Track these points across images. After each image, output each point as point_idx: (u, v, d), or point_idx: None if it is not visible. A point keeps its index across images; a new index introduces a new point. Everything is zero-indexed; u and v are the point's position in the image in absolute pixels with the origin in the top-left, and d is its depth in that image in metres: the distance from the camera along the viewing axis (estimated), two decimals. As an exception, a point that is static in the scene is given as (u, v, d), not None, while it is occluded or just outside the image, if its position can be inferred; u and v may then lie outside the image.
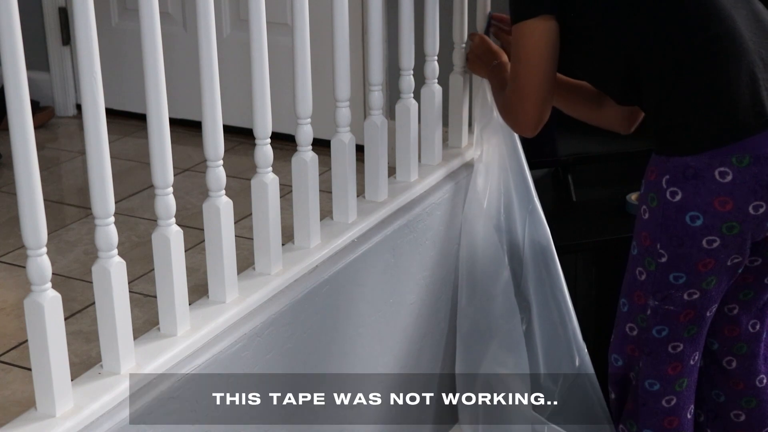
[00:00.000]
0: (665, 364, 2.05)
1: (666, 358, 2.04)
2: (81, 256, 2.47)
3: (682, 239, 1.91)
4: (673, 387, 2.07)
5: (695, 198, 1.87)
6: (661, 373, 2.06)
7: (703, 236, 1.89)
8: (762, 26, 1.93)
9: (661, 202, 1.92)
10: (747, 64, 1.87)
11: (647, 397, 2.09)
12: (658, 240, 1.94)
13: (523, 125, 2.11)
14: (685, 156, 1.88)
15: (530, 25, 1.98)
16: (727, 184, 1.85)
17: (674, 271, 1.94)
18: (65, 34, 3.56)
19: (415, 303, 2.34)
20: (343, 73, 2.06)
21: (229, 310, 1.82)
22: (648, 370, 2.07)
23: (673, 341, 2.03)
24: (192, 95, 1.92)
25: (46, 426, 1.51)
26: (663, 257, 1.95)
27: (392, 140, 2.29)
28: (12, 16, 1.35)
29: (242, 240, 2.07)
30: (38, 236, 1.45)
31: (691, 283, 1.95)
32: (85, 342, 2.04)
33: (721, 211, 1.86)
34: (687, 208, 1.89)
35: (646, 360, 2.06)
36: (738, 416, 2.20)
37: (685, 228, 1.90)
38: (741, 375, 2.18)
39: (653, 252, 1.96)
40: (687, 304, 1.97)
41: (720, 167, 1.85)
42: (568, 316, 2.43)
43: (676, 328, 2.01)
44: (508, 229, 2.42)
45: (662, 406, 2.08)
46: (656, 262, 1.96)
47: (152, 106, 1.61)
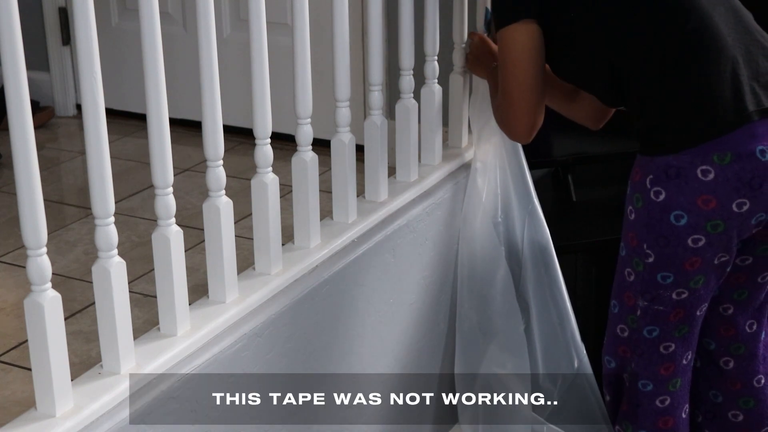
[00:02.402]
0: (657, 365, 2.05)
1: (658, 358, 2.04)
2: (81, 256, 2.47)
3: (668, 239, 1.91)
4: (666, 387, 2.07)
5: (679, 197, 1.87)
6: (653, 373, 2.06)
7: (688, 235, 1.89)
8: (740, 21, 1.93)
9: (646, 202, 1.92)
10: (726, 59, 1.87)
11: (641, 398, 2.09)
12: (645, 240, 1.94)
13: (516, 132, 2.10)
14: (667, 155, 1.88)
15: (513, 30, 1.99)
16: (709, 182, 1.85)
17: (662, 271, 1.94)
18: (65, 34, 3.56)
19: (415, 303, 2.34)
20: (343, 73, 2.06)
21: (229, 310, 1.82)
22: (641, 371, 2.07)
23: (664, 341, 2.03)
24: (192, 95, 1.92)
25: (46, 426, 1.50)
26: (650, 257, 1.95)
27: (392, 140, 2.29)
28: (12, 16, 1.35)
29: (242, 240, 2.07)
30: (38, 236, 1.45)
31: (678, 282, 1.94)
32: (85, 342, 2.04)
33: (704, 209, 1.86)
34: (671, 208, 1.89)
35: (638, 361, 2.06)
36: (736, 416, 2.20)
37: (670, 227, 1.90)
38: (738, 375, 2.17)
39: (640, 252, 1.96)
40: (676, 303, 1.97)
41: (702, 165, 1.85)
42: (567, 317, 2.43)
43: (667, 328, 2.01)
44: (507, 229, 2.42)
45: (656, 406, 2.08)
46: (644, 263, 1.96)
47: (152, 106, 1.61)
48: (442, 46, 2.36)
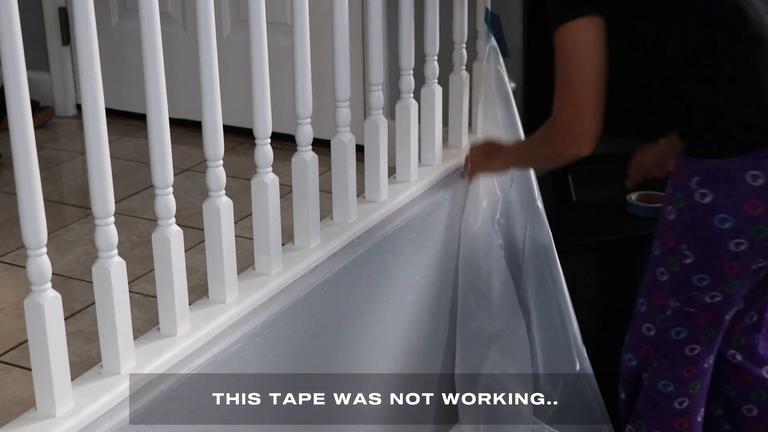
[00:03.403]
0: (681, 366, 2.04)
1: (682, 360, 2.04)
2: (81, 256, 2.47)
3: (710, 241, 1.90)
4: (686, 389, 2.06)
5: (725, 200, 1.86)
6: (676, 374, 2.05)
7: (731, 239, 1.88)
8: None
9: (690, 203, 1.91)
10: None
11: (660, 398, 2.08)
12: (684, 241, 1.93)
13: (582, 139, 1.96)
14: (717, 158, 1.87)
15: (578, 25, 1.90)
16: (758, 187, 1.84)
17: (699, 273, 1.94)
18: (65, 34, 3.56)
19: (415, 303, 2.34)
20: (343, 73, 2.06)
21: (229, 310, 1.82)
22: (663, 371, 2.06)
23: (690, 344, 2.02)
24: (192, 95, 1.92)
25: (46, 426, 1.50)
26: (688, 258, 1.94)
27: (392, 140, 2.29)
28: (12, 16, 1.35)
29: (242, 240, 2.07)
30: (38, 236, 1.45)
31: (714, 285, 1.94)
32: (85, 342, 2.04)
33: (751, 214, 1.86)
34: (716, 210, 1.87)
35: (661, 361, 2.05)
36: (750, 411, 2.19)
37: (713, 230, 1.88)
38: (747, 367, 2.17)
39: (677, 253, 1.95)
40: (708, 306, 1.97)
41: (752, 170, 1.84)
42: (568, 318, 2.43)
43: (695, 331, 2.00)
44: (508, 230, 2.42)
45: (674, 407, 2.07)
46: (680, 263, 1.95)
47: (152, 106, 1.61)
48: (442, 46, 2.36)
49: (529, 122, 2.66)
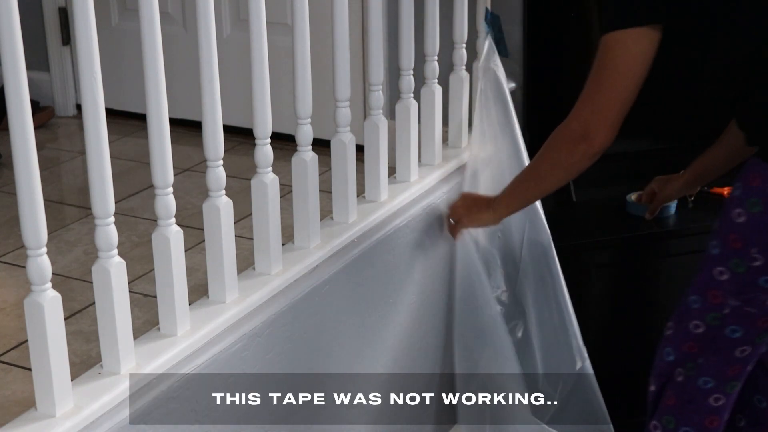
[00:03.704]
0: (728, 365, 2.01)
1: (731, 359, 2.00)
2: (81, 256, 2.47)
3: None
4: (725, 387, 2.03)
5: None
6: (720, 372, 2.02)
7: None
8: None
9: (766, 208, 1.88)
10: None
11: (696, 394, 2.04)
12: (755, 245, 1.90)
13: (592, 144, 1.91)
14: None
15: (632, 35, 1.82)
16: None
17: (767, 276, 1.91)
18: (65, 34, 3.56)
19: (415, 303, 2.34)
20: (343, 73, 2.06)
21: (229, 310, 1.82)
22: (708, 368, 2.02)
23: (743, 344, 1.99)
24: (192, 95, 1.92)
25: (46, 426, 1.50)
26: (757, 261, 1.90)
27: (392, 140, 2.29)
28: (12, 16, 1.35)
29: (242, 240, 2.07)
30: (38, 236, 1.45)
31: None
32: (85, 342, 2.04)
33: None
34: None
35: (708, 358, 2.02)
36: None
37: None
38: None
39: (744, 255, 1.92)
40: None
41: None
42: (568, 318, 2.42)
43: (751, 332, 1.97)
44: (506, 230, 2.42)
45: (709, 403, 2.04)
46: (747, 266, 1.92)
47: (152, 106, 1.61)
48: (442, 46, 2.36)
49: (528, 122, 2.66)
